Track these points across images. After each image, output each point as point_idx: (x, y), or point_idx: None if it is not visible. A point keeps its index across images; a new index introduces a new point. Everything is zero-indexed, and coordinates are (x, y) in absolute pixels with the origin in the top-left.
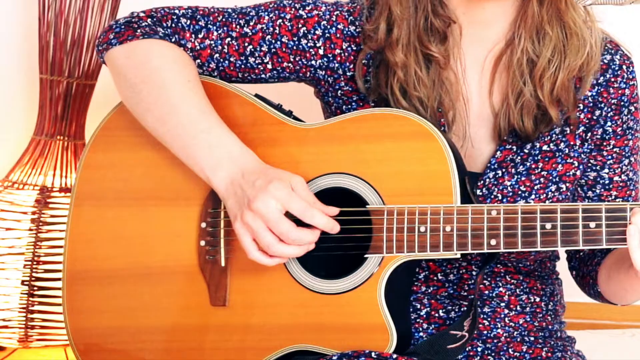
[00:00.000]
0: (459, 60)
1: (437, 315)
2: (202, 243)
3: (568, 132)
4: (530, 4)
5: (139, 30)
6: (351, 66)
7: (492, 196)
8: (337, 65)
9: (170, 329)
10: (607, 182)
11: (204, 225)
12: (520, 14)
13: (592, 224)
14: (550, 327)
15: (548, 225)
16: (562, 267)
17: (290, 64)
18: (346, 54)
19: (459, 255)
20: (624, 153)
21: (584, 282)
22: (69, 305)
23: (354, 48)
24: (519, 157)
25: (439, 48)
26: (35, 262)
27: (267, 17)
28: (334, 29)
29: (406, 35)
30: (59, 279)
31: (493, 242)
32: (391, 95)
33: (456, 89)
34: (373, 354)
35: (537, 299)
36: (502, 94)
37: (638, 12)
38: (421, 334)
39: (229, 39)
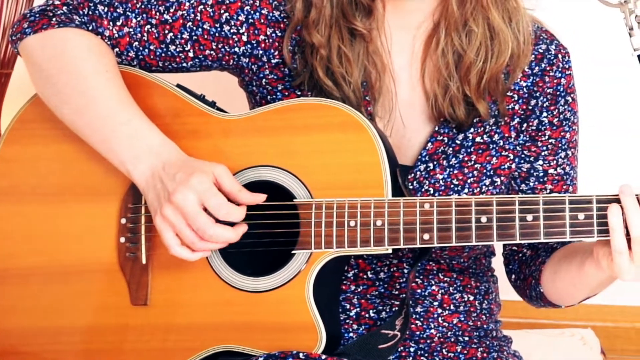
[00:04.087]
0: (384, 35)
1: (367, 315)
2: (122, 240)
3: (502, 123)
4: (450, 2)
5: (54, 19)
6: (276, 53)
7: (423, 189)
8: (261, 52)
9: (89, 330)
10: (541, 174)
11: (123, 221)
12: (442, 10)
13: (530, 217)
14: (485, 326)
15: (483, 219)
16: (497, 264)
17: (212, 52)
18: (270, 40)
19: (390, 251)
20: (560, 145)
21: (526, 284)
22: None
23: (279, 34)
24: (450, 149)
25: (364, 22)
26: None
27: (187, 4)
28: (257, 14)
29: (329, 13)
30: None
31: (426, 236)
32: (315, 71)
33: (382, 62)
34: (301, 354)
35: (471, 298)
36: (433, 80)
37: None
38: (351, 334)
39: (148, 26)
